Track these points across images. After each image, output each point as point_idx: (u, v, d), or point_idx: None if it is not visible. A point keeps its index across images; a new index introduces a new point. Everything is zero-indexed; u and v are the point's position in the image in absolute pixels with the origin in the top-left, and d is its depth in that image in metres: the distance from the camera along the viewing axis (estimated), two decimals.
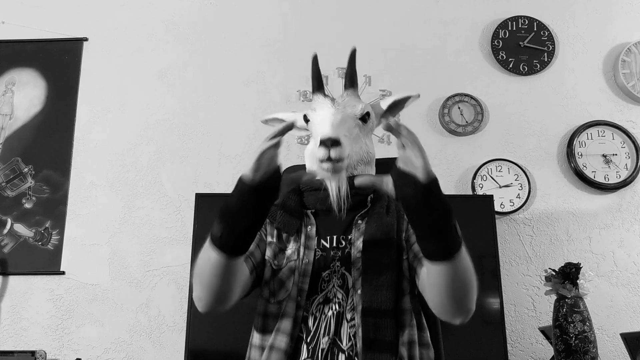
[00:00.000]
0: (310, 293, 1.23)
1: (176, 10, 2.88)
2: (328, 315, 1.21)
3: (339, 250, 1.27)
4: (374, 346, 1.14)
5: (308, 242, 1.27)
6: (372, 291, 1.18)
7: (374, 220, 1.26)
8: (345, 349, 1.17)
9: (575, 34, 2.80)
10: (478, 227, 2.32)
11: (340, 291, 1.23)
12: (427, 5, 2.85)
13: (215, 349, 2.21)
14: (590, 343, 1.96)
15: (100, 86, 2.80)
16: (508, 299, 2.44)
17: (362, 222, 1.28)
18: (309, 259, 1.25)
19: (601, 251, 2.55)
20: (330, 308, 1.22)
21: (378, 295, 1.18)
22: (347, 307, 1.21)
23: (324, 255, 1.27)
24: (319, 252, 1.27)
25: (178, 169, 2.68)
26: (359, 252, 1.24)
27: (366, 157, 1.30)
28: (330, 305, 1.22)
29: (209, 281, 1.14)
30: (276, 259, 1.27)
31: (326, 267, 1.26)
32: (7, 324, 2.53)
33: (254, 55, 2.81)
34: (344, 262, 1.25)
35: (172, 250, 2.58)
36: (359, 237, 1.26)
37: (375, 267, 1.20)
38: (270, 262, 1.28)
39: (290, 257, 1.27)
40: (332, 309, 1.21)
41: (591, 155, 2.63)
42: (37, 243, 2.60)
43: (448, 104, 2.69)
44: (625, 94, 2.71)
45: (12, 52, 2.84)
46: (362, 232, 1.26)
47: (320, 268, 1.25)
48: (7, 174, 2.69)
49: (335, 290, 1.23)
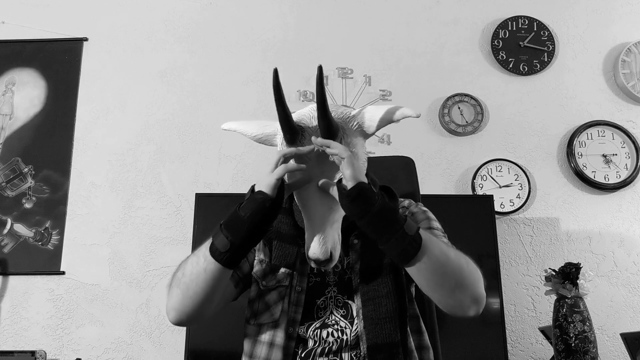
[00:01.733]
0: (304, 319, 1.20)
1: (176, 10, 2.88)
2: (329, 340, 1.18)
3: (335, 276, 1.23)
4: None
5: (302, 267, 1.23)
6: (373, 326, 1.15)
7: (368, 243, 1.20)
8: None
9: (575, 34, 2.80)
10: (478, 227, 2.32)
11: (343, 320, 1.20)
12: (427, 5, 2.85)
13: (215, 349, 2.21)
14: (590, 343, 1.95)
15: (100, 86, 2.80)
16: (508, 299, 2.44)
17: (358, 242, 1.23)
18: (302, 287, 1.21)
19: (601, 251, 2.55)
20: (329, 334, 1.19)
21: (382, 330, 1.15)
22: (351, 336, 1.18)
23: (317, 282, 1.23)
24: (313, 278, 1.23)
25: (178, 169, 2.68)
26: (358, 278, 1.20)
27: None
28: (328, 331, 1.19)
29: (198, 291, 1.11)
30: (265, 279, 1.23)
31: (321, 294, 1.22)
32: (7, 324, 2.53)
33: (254, 55, 2.81)
34: (345, 290, 1.22)
35: (172, 251, 2.58)
36: (357, 260, 1.22)
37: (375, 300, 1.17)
38: (258, 281, 1.24)
39: (281, 282, 1.22)
40: (333, 335, 1.19)
41: (591, 155, 2.63)
42: (37, 243, 2.60)
43: (448, 104, 2.69)
44: (625, 94, 2.71)
45: (12, 52, 2.84)
46: (358, 254, 1.22)
47: (314, 295, 1.22)
48: (7, 174, 2.69)
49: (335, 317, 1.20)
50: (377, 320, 1.15)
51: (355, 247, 1.23)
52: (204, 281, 1.10)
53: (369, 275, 1.19)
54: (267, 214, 1.05)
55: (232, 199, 2.37)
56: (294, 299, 1.20)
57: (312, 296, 1.22)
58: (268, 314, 1.20)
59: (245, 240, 1.06)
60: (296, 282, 1.21)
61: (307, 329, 1.20)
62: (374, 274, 1.19)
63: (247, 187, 1.12)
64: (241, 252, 1.09)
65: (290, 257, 1.22)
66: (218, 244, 1.07)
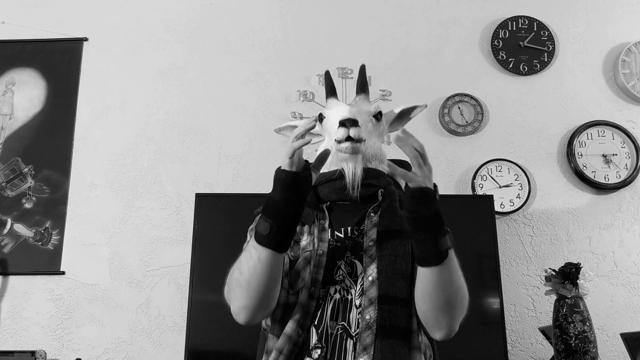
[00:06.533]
0: (325, 282, 1.25)
1: (176, 10, 2.88)
2: (335, 297, 1.23)
3: (351, 241, 1.29)
4: (388, 333, 1.16)
5: (322, 235, 1.28)
6: (387, 280, 1.20)
7: (387, 213, 1.28)
8: (354, 335, 1.19)
9: (575, 34, 2.80)
10: (478, 227, 2.32)
11: (348, 278, 1.25)
12: (427, 5, 2.85)
13: (215, 349, 2.21)
14: (590, 343, 1.96)
15: (100, 86, 2.80)
16: (508, 299, 2.44)
17: (375, 215, 1.29)
18: (322, 250, 1.26)
19: (601, 251, 2.55)
20: (336, 291, 1.24)
21: (394, 284, 1.20)
22: (355, 294, 1.23)
23: (337, 246, 1.28)
24: (333, 242, 1.29)
25: (178, 169, 2.68)
26: (371, 241, 1.25)
27: (379, 154, 1.36)
28: (335, 288, 1.24)
29: (260, 282, 1.16)
30: (292, 251, 1.28)
31: (340, 257, 1.28)
32: (7, 324, 2.53)
33: (254, 55, 2.81)
34: (354, 251, 1.27)
35: (172, 251, 2.58)
36: (371, 227, 1.28)
37: (391, 257, 1.22)
38: (287, 254, 1.28)
39: (305, 248, 1.28)
40: (339, 293, 1.24)
41: (591, 155, 2.63)
42: (37, 243, 2.60)
43: (448, 104, 2.69)
44: (625, 94, 2.71)
45: (12, 52, 2.84)
46: (374, 223, 1.28)
47: (335, 257, 1.27)
48: (7, 174, 2.69)
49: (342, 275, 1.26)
50: (392, 275, 1.20)
51: (372, 219, 1.29)
52: (262, 270, 1.14)
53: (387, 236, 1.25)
54: (293, 186, 1.13)
55: (232, 199, 2.40)
56: (316, 261, 1.25)
57: (333, 259, 1.27)
58: (300, 279, 1.25)
59: (282, 218, 1.13)
60: (317, 246, 1.27)
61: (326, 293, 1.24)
62: (393, 236, 1.25)
63: (247, 187, 1.15)
64: (285, 231, 1.14)
65: (310, 217, 1.29)
66: (261, 229, 1.13)
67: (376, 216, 1.29)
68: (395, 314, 1.18)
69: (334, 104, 1.39)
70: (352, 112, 1.28)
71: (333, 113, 1.34)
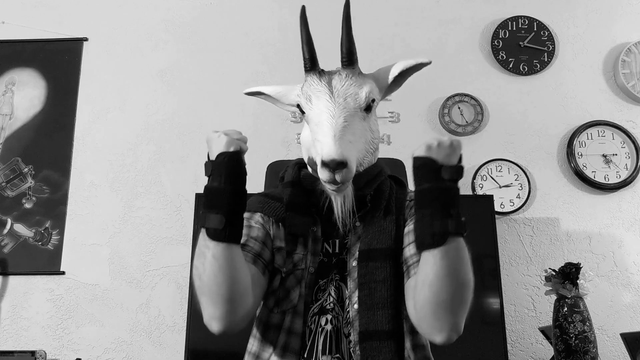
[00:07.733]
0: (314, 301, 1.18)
1: (176, 10, 2.88)
2: (326, 329, 1.16)
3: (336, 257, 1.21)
4: None
5: (315, 247, 1.21)
6: (367, 312, 1.12)
7: (370, 227, 1.19)
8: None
9: (575, 34, 2.80)
10: (478, 227, 2.31)
11: (337, 305, 1.17)
12: (427, 5, 2.85)
13: (215, 349, 2.21)
14: (590, 343, 1.95)
15: (100, 86, 2.80)
16: (508, 299, 2.44)
17: (360, 225, 1.21)
18: (314, 267, 1.19)
19: (601, 251, 2.55)
20: (328, 321, 1.16)
21: (374, 315, 1.11)
22: (343, 322, 1.16)
23: (324, 262, 1.21)
24: (321, 257, 1.21)
25: (178, 169, 2.68)
26: (354, 261, 1.17)
27: (371, 146, 1.20)
28: (327, 318, 1.16)
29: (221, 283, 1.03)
30: (284, 266, 1.19)
31: (325, 275, 1.20)
32: (7, 324, 2.53)
33: (254, 55, 2.81)
34: (340, 271, 1.19)
35: (172, 250, 2.58)
36: (356, 242, 1.20)
37: (370, 285, 1.13)
38: (281, 269, 1.20)
39: (297, 265, 1.18)
40: (331, 323, 1.16)
41: (591, 155, 2.63)
42: (37, 243, 2.60)
43: (448, 104, 2.69)
44: (625, 94, 2.70)
45: (12, 52, 2.84)
46: (358, 235, 1.20)
47: (319, 275, 1.19)
48: (7, 174, 2.69)
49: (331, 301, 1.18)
50: (371, 306, 1.12)
51: (356, 230, 1.21)
52: (220, 269, 1.02)
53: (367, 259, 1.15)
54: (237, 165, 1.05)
55: None
56: (307, 281, 1.17)
57: (317, 277, 1.19)
58: (288, 300, 1.16)
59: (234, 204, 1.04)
60: (309, 263, 1.18)
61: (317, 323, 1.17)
62: (374, 257, 1.15)
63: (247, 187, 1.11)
64: (240, 219, 1.06)
65: (304, 226, 1.19)
66: (214, 225, 1.03)
67: (360, 227, 1.20)
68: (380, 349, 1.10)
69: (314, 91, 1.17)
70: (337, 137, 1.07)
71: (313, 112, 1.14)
